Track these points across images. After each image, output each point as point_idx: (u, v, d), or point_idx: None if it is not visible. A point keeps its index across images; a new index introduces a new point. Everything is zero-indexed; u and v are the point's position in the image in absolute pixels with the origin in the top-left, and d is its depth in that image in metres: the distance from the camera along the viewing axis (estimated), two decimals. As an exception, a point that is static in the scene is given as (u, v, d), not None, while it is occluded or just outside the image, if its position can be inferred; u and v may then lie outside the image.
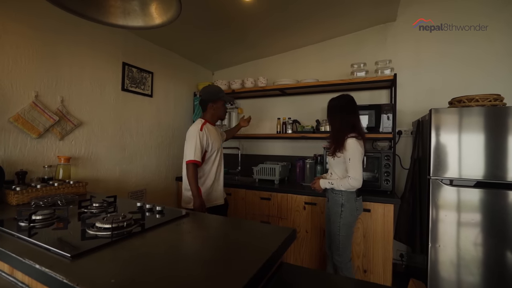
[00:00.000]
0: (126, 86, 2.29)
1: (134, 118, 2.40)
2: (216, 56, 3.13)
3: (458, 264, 1.81)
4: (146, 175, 2.54)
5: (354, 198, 1.74)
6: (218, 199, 1.99)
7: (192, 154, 1.81)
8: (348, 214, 1.73)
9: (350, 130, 1.71)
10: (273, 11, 2.23)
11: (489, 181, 1.74)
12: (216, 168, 1.97)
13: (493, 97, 1.80)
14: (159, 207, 1.31)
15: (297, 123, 2.79)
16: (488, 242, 1.74)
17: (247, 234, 1.08)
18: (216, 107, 2.00)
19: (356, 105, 1.79)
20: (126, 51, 2.29)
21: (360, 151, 1.67)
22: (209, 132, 1.92)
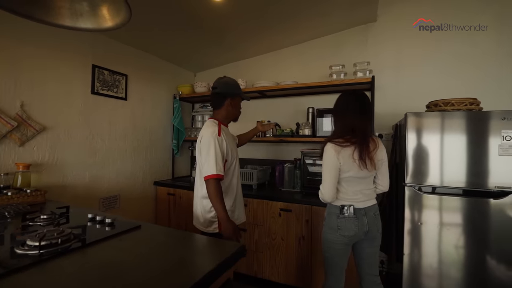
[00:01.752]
0: (96, 89, 2.22)
1: (106, 122, 2.33)
2: (197, 58, 3.07)
3: (434, 274, 1.75)
4: (120, 180, 2.47)
5: (336, 214, 1.47)
6: (241, 217, 1.70)
7: (213, 166, 1.44)
8: (328, 231, 1.50)
9: (341, 134, 1.44)
10: (248, 13, 2.17)
11: (464, 188, 1.68)
12: (236, 180, 1.66)
13: (469, 101, 1.74)
14: (109, 219, 1.25)
15: (277, 126, 2.72)
16: (466, 253, 1.68)
17: (192, 250, 1.02)
18: (234, 104, 1.64)
19: (361, 103, 1.47)
20: (96, 53, 2.22)
21: (331, 160, 1.41)
22: (227, 137, 1.58)
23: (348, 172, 1.42)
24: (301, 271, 2.13)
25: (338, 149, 1.41)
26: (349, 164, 1.41)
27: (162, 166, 2.98)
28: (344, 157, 1.40)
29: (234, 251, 0.99)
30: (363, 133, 1.43)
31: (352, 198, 1.47)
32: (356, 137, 1.41)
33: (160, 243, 1.06)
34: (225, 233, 1.46)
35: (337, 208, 1.48)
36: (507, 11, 2.13)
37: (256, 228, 2.30)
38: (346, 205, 1.46)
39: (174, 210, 2.73)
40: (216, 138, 1.49)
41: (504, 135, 1.58)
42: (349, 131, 1.43)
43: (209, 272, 0.82)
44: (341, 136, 1.44)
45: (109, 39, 2.34)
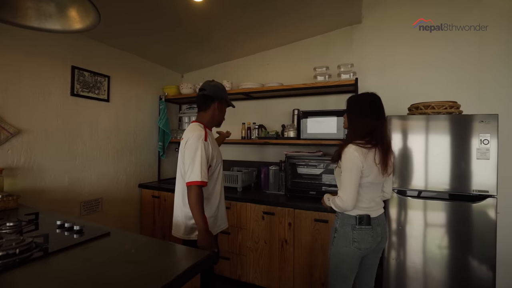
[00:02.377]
0: (76, 91, 2.18)
1: (87, 124, 2.29)
2: (183, 59, 3.04)
3: (415, 277, 1.74)
4: (103, 183, 2.43)
5: (352, 225, 1.35)
6: (223, 223, 1.66)
7: (197, 172, 1.37)
8: (341, 243, 1.37)
9: (363, 136, 1.36)
10: (231, 14, 2.15)
11: (444, 191, 1.67)
12: (220, 186, 1.61)
13: (449, 104, 1.74)
14: (78, 226, 1.22)
15: (263, 128, 2.71)
16: (447, 255, 1.67)
17: (156, 259, 0.99)
18: (220, 109, 1.60)
19: (379, 106, 1.41)
20: (76, 54, 2.18)
21: (355, 164, 1.30)
22: (212, 142, 1.53)
23: (368, 177, 1.34)
24: (284, 275, 2.12)
25: (363, 151, 1.32)
26: (370, 168, 1.33)
27: (148, 168, 2.95)
28: (368, 160, 1.32)
29: (201, 259, 0.97)
30: (382, 135, 1.36)
31: (368, 206, 1.38)
32: (376, 140, 1.34)
33: (124, 252, 1.03)
34: (200, 244, 1.38)
35: (353, 218, 1.36)
36: (489, 13, 2.13)
37: (240, 231, 2.28)
38: (363, 215, 1.36)
39: (159, 213, 2.70)
40: (203, 143, 1.43)
41: (482, 138, 1.58)
42: (368, 133, 1.35)
43: (166, 284, 0.80)
44: (362, 138, 1.35)
45: (90, 40, 2.29)
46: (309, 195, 2.20)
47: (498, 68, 2.10)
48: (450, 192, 1.66)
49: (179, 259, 0.98)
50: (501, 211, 2.05)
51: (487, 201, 1.58)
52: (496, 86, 2.10)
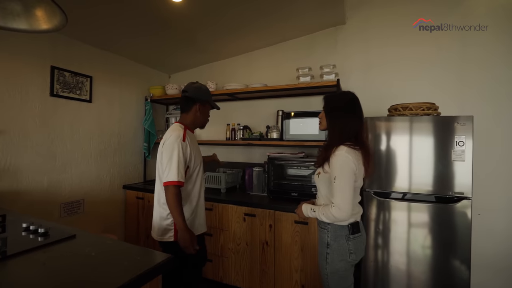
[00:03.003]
0: (56, 91, 2.16)
1: (68, 125, 2.27)
2: (170, 60, 3.02)
3: (392, 279, 1.73)
4: (85, 184, 2.41)
5: (346, 235, 1.25)
6: (201, 227, 1.62)
7: (174, 172, 1.38)
8: (337, 259, 1.25)
9: (350, 138, 1.27)
10: (214, 13, 2.13)
11: (417, 193, 1.67)
12: (198, 187, 1.59)
13: (426, 105, 1.73)
14: (43, 229, 1.20)
15: (247, 129, 2.70)
16: (421, 258, 1.67)
17: (112, 263, 0.97)
18: (203, 111, 1.59)
19: (359, 106, 1.34)
20: (56, 54, 2.16)
21: (350, 167, 1.19)
22: (191, 143, 1.53)
23: (357, 181, 1.25)
24: (265, 277, 2.10)
25: (356, 154, 1.23)
26: (360, 172, 1.25)
27: (133, 169, 2.93)
28: (359, 163, 1.23)
29: (159, 263, 0.96)
30: (363, 136, 1.31)
31: (357, 212, 1.30)
32: (360, 141, 1.27)
33: (84, 256, 1.01)
34: (181, 242, 1.40)
35: (346, 228, 1.25)
36: (472, 12, 2.12)
37: (222, 233, 2.26)
38: (354, 222, 1.27)
39: (142, 214, 2.68)
40: (180, 143, 1.44)
41: (457, 140, 1.58)
42: (354, 134, 1.27)
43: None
44: (350, 140, 1.26)
45: (71, 40, 2.27)
46: (291, 196, 2.18)
47: (480, 70, 2.09)
48: (426, 194, 1.65)
49: (137, 263, 0.96)
50: (479, 212, 2.06)
51: (463, 203, 1.57)
52: (478, 88, 2.10)
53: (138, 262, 0.97)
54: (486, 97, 2.07)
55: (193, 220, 1.55)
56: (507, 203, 2.01)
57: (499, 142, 2.03)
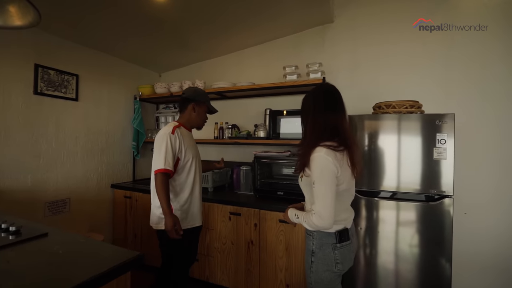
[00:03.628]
0: (40, 90, 2.14)
1: (53, 124, 2.25)
2: (160, 58, 3.02)
3: (371, 280, 1.72)
4: (70, 183, 2.39)
5: (333, 244, 1.14)
6: (194, 220, 1.66)
7: (161, 161, 1.49)
8: (322, 268, 1.15)
9: (329, 136, 1.14)
10: (202, 12, 2.12)
11: (400, 191, 1.65)
12: (192, 179, 1.65)
13: (409, 103, 1.72)
14: (15, 227, 1.19)
15: (236, 127, 2.68)
16: (404, 257, 1.66)
17: (78, 261, 0.96)
18: (198, 110, 1.70)
19: (338, 98, 1.20)
20: (40, 52, 2.14)
21: (330, 170, 1.08)
22: (182, 136, 1.60)
23: (342, 184, 1.13)
24: (250, 276, 2.09)
25: (337, 155, 1.10)
26: (344, 174, 1.13)
27: (122, 168, 2.91)
28: (343, 165, 1.12)
29: (125, 260, 0.94)
30: (347, 132, 1.17)
31: (345, 217, 1.19)
32: (344, 139, 1.14)
33: (51, 254, 1.00)
34: (165, 226, 1.48)
35: (332, 237, 1.14)
36: (455, 12, 2.12)
37: (208, 232, 2.25)
38: (342, 229, 1.16)
39: (130, 213, 2.67)
40: (169, 136, 1.53)
41: (439, 138, 1.56)
42: (334, 132, 1.15)
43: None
44: (330, 139, 1.13)
45: (56, 38, 2.26)
46: (277, 195, 2.17)
47: (467, 68, 2.08)
48: (407, 192, 1.64)
49: (104, 260, 0.95)
50: (465, 211, 2.05)
51: (445, 201, 1.56)
52: (464, 86, 2.09)
53: (104, 259, 0.96)
54: (473, 95, 2.06)
55: (186, 210, 1.63)
56: (493, 202, 2.00)
57: (486, 140, 2.02)
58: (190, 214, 1.64)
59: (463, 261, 2.04)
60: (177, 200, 1.60)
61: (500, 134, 1.99)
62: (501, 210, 1.98)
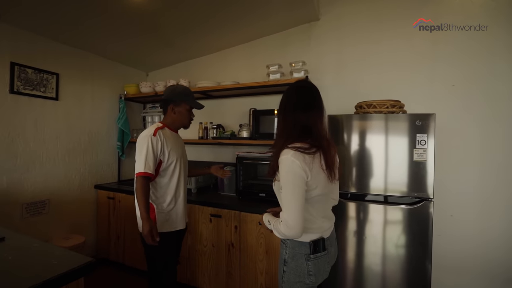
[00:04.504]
0: (17, 89, 2.10)
1: (31, 123, 2.21)
2: (146, 57, 2.98)
3: (350, 283, 1.68)
4: (50, 184, 2.34)
5: (306, 254, 1.06)
6: (177, 223, 1.60)
7: (141, 164, 1.44)
8: (293, 279, 1.08)
9: (299, 137, 1.06)
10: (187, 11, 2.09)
11: (379, 194, 1.61)
12: (175, 182, 1.60)
13: (390, 103, 1.67)
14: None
15: (221, 127, 2.64)
16: (381, 260, 1.61)
17: (26, 267, 0.91)
18: (178, 111, 1.63)
19: (312, 96, 1.11)
20: (16, 50, 2.09)
21: (298, 175, 0.99)
22: (165, 138, 1.55)
23: (315, 189, 1.05)
24: (231, 279, 2.05)
25: (306, 158, 1.01)
26: (316, 178, 1.04)
27: (106, 168, 2.87)
28: (313, 169, 1.02)
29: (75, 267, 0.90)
30: (322, 132, 1.08)
31: (321, 226, 1.10)
32: (317, 140, 1.05)
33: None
34: (142, 231, 1.43)
35: (306, 246, 1.06)
36: (443, 11, 2.06)
37: (189, 234, 2.20)
38: (317, 239, 1.08)
39: (113, 214, 2.62)
40: (150, 138, 1.48)
41: (419, 139, 1.51)
42: (304, 132, 1.06)
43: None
44: (300, 140, 1.05)
45: (35, 35, 2.21)
46: (258, 197, 2.12)
47: (451, 67, 2.03)
48: (387, 195, 1.59)
49: (51, 267, 0.90)
50: (445, 214, 2.00)
51: (425, 204, 1.51)
52: (449, 85, 2.03)
53: (53, 266, 0.91)
54: (459, 94, 2.01)
55: (168, 214, 1.57)
56: (480, 204, 1.95)
57: (473, 142, 1.97)
58: (174, 217, 1.59)
59: (449, 264, 1.99)
60: (160, 203, 1.55)
61: (487, 135, 1.94)
62: (487, 213, 1.93)
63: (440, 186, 2.01)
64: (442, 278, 2.01)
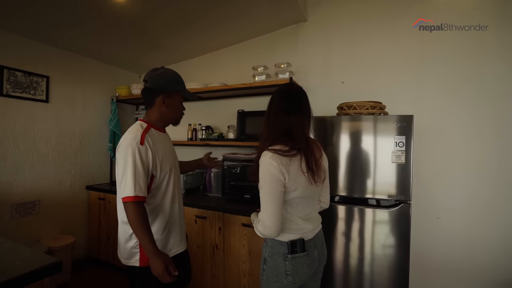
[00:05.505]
0: (6, 91, 2.14)
1: (21, 125, 2.25)
2: (138, 60, 3.00)
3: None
4: (40, 185, 2.38)
5: (284, 254, 1.08)
6: (177, 246, 1.31)
7: (130, 186, 1.10)
8: (272, 278, 1.09)
9: (280, 139, 1.07)
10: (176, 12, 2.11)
11: (357, 197, 1.59)
12: (170, 198, 1.28)
13: (370, 104, 1.66)
14: None
15: (210, 129, 2.65)
16: (359, 266, 1.60)
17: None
18: (169, 103, 1.27)
19: (296, 99, 1.11)
20: (6, 53, 2.14)
21: (274, 176, 1.02)
22: (154, 145, 1.21)
23: (294, 191, 1.06)
24: (216, 281, 2.05)
25: (282, 160, 1.03)
26: (296, 180, 1.05)
27: (98, 170, 2.90)
28: (291, 171, 1.04)
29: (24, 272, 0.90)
30: (303, 135, 1.09)
31: (301, 227, 1.10)
32: (298, 142, 1.06)
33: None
34: (153, 270, 1.10)
35: (284, 246, 1.08)
36: (430, 10, 2.04)
37: (175, 235, 2.21)
38: (296, 240, 1.08)
39: (104, 215, 2.65)
40: (137, 148, 1.13)
41: (397, 141, 1.50)
42: (285, 134, 1.07)
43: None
44: (280, 142, 1.07)
45: (24, 39, 2.25)
46: (244, 198, 2.13)
47: (439, 68, 2.01)
48: (366, 198, 1.58)
49: (15, 268, 0.92)
50: (438, 216, 1.98)
51: (402, 207, 1.49)
52: (437, 86, 2.01)
53: (15, 267, 0.93)
54: (448, 95, 1.98)
55: (165, 238, 1.25)
56: (466, 206, 1.92)
57: (460, 143, 1.94)
58: (173, 241, 1.28)
59: (435, 265, 1.97)
60: (152, 227, 1.19)
61: (475, 137, 1.91)
62: (473, 215, 1.90)
63: (426, 188, 2.00)
64: (428, 279, 1.99)
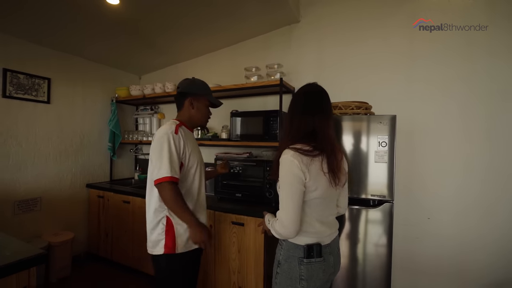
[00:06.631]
0: (9, 93, 2.24)
1: (23, 125, 2.35)
2: (137, 61, 3.09)
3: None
4: (42, 183, 2.48)
5: (299, 258, 1.05)
6: None
7: (166, 168, 1.20)
8: (285, 282, 1.07)
9: (303, 140, 1.06)
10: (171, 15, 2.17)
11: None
12: (197, 188, 1.39)
13: (355, 104, 1.68)
14: None
15: (205, 129, 2.70)
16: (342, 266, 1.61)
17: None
18: (198, 106, 1.41)
19: (320, 100, 1.11)
20: (8, 56, 2.24)
21: (295, 174, 1.00)
22: (187, 138, 1.35)
23: (315, 191, 1.03)
24: (208, 279, 2.10)
25: (304, 159, 1.01)
26: (317, 180, 1.02)
27: (98, 169, 2.99)
28: (312, 170, 1.01)
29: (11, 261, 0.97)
30: (328, 136, 1.06)
31: (318, 231, 1.07)
32: (322, 143, 1.05)
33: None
34: (194, 239, 1.22)
35: (300, 250, 1.05)
36: (420, 9, 2.04)
37: (169, 232, 2.27)
38: (313, 244, 1.05)
39: (102, 212, 2.73)
40: (171, 136, 1.26)
41: (380, 140, 1.52)
42: (309, 135, 1.06)
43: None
44: (303, 142, 1.06)
45: (26, 42, 2.35)
46: (235, 197, 2.17)
47: (430, 67, 2.00)
48: (352, 197, 1.59)
49: (5, 257, 0.98)
50: (428, 216, 1.98)
51: (384, 206, 1.51)
52: (429, 85, 2.01)
53: (4, 257, 0.99)
54: (439, 95, 1.98)
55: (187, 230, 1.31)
56: (457, 207, 1.91)
57: (450, 143, 1.94)
58: None
59: (426, 265, 1.96)
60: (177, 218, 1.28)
61: (464, 137, 1.90)
62: (463, 215, 1.89)
63: (417, 189, 2.00)
64: (418, 280, 1.99)
